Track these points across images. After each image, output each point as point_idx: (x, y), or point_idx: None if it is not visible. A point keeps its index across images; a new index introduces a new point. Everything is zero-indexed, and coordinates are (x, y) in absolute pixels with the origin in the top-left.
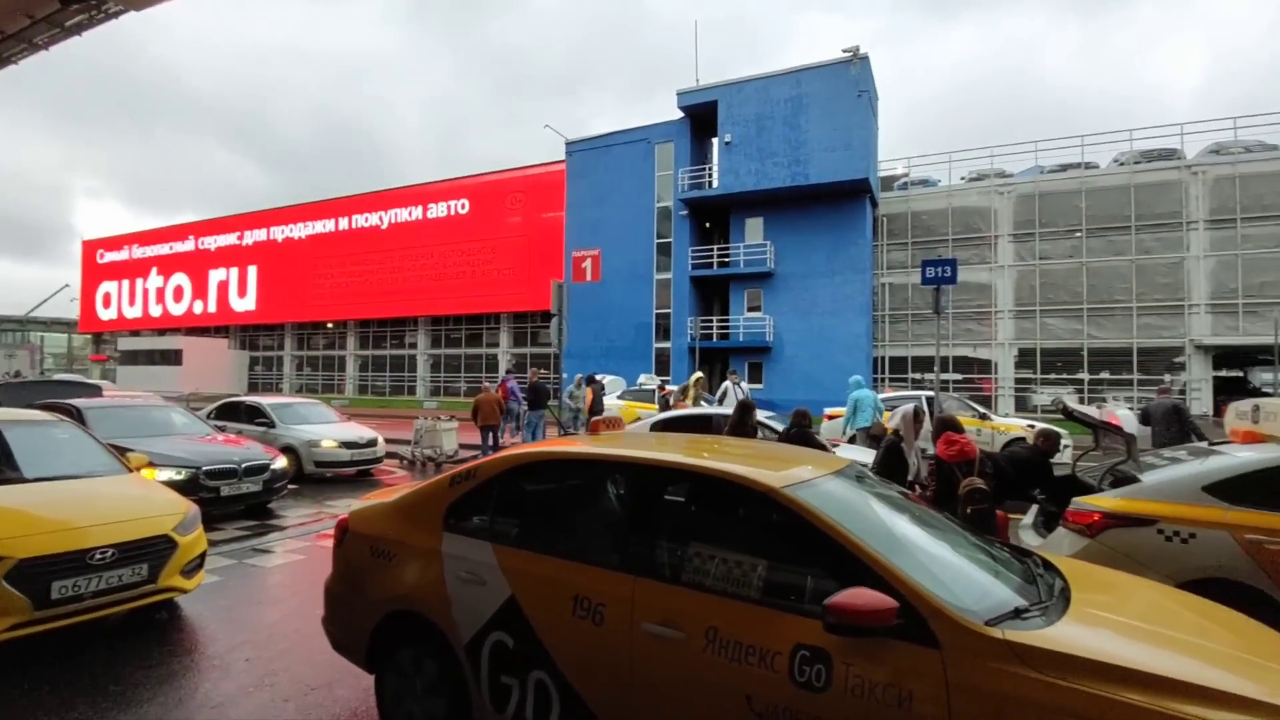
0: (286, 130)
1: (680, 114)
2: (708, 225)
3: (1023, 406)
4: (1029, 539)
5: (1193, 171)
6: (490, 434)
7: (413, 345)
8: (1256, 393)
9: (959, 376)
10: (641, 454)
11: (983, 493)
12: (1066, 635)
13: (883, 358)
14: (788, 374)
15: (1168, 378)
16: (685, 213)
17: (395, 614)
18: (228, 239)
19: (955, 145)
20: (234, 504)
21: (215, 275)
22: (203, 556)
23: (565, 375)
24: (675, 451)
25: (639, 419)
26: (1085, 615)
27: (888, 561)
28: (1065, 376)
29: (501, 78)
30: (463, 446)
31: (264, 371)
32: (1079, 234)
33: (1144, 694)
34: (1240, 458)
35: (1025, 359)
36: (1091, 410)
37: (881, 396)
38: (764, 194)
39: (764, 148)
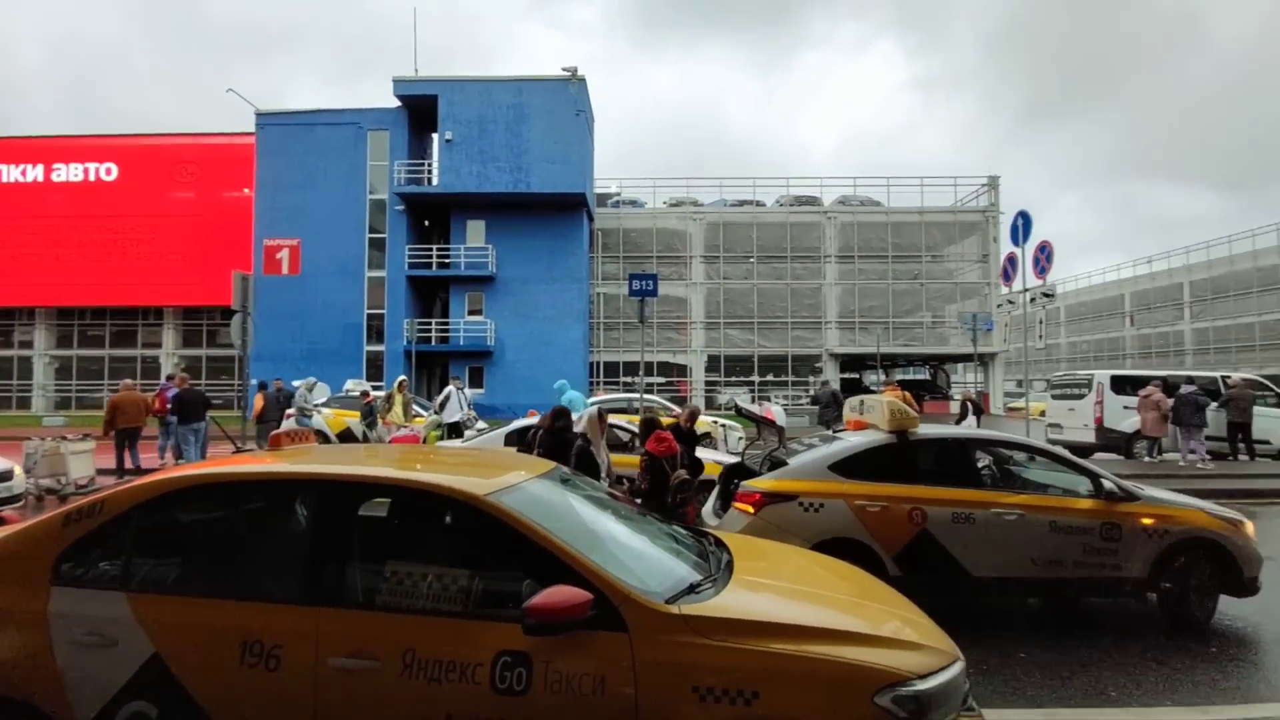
0: None
1: (397, 103)
2: (427, 224)
3: (711, 405)
4: (709, 520)
5: (828, 216)
6: (127, 442)
7: (27, 344)
8: (867, 391)
9: (661, 379)
10: (331, 470)
11: (688, 483)
12: (728, 602)
13: (598, 362)
14: (509, 378)
15: (811, 379)
16: (402, 208)
17: None
18: None
19: (659, 172)
20: None
21: None
22: None
23: (252, 381)
24: (375, 465)
25: (347, 428)
26: (745, 582)
27: (584, 557)
28: (742, 379)
29: (161, 23)
30: (103, 473)
31: None
32: (752, 260)
33: (786, 642)
34: (851, 441)
35: (713, 364)
36: (755, 408)
37: (595, 399)
38: (486, 197)
39: (486, 151)
